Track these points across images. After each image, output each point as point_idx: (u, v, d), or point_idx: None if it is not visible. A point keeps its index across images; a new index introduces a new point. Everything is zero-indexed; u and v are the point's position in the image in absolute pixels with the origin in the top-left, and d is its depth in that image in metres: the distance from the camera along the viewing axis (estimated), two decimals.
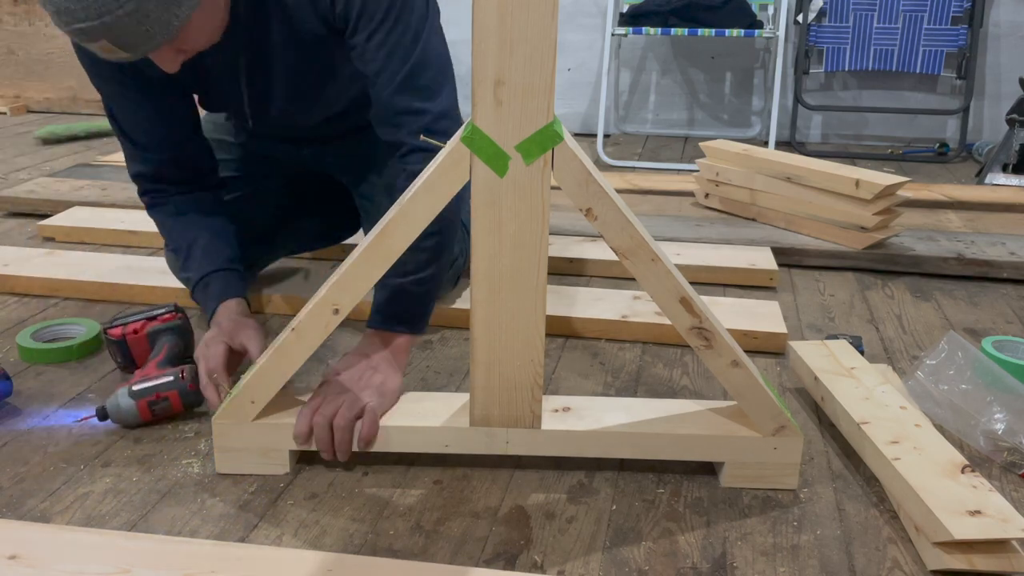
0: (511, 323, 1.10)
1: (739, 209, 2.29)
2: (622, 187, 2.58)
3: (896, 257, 2.02)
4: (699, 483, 1.19)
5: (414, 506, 1.13)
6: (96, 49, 1.11)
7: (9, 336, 1.60)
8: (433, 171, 1.05)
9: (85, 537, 1.03)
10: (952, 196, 2.51)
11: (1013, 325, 1.75)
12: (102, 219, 2.18)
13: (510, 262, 1.07)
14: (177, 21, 1.11)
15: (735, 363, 1.12)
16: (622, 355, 1.58)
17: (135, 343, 1.42)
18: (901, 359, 1.58)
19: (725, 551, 1.06)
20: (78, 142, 3.30)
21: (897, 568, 1.03)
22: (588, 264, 1.96)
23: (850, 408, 1.26)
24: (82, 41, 1.09)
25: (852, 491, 1.18)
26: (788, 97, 3.38)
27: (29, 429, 1.29)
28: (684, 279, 1.10)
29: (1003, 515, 1.02)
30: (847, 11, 3.25)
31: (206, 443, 1.26)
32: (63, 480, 1.17)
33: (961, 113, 3.28)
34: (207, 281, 1.43)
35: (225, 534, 1.07)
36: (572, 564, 1.03)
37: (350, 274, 1.10)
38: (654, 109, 3.65)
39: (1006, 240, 2.12)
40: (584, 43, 3.56)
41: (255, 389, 1.14)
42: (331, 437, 1.15)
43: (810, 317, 1.77)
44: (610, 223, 1.06)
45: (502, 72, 0.98)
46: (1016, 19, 3.25)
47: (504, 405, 1.15)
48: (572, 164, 1.03)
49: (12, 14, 3.83)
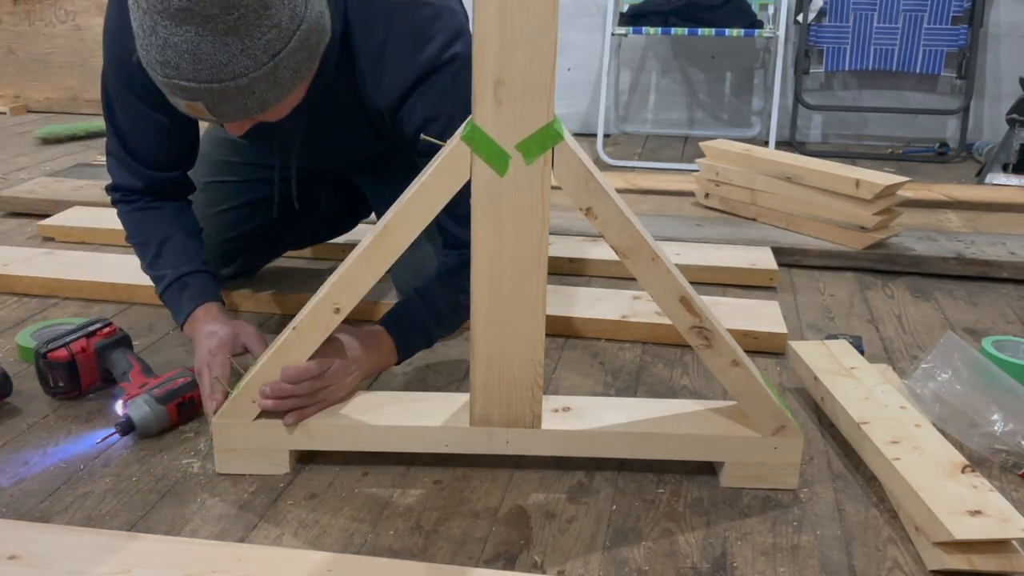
0: (511, 323, 1.10)
1: (739, 209, 2.29)
2: (622, 187, 2.58)
3: (896, 257, 2.02)
4: (699, 483, 1.19)
5: (414, 506, 1.13)
6: (183, 106, 1.07)
7: (9, 336, 1.60)
8: (433, 171, 1.05)
9: (85, 537, 1.03)
10: (952, 196, 2.50)
11: (1013, 325, 1.75)
12: (102, 219, 2.18)
13: (510, 262, 1.07)
14: (274, 101, 1.08)
15: (735, 363, 1.12)
16: (622, 355, 1.58)
17: (84, 362, 1.35)
18: (901, 359, 1.58)
19: (725, 551, 1.06)
20: (78, 142, 3.30)
21: (897, 568, 1.03)
22: (588, 264, 1.96)
23: (850, 408, 1.26)
24: (174, 95, 1.06)
25: (852, 491, 1.18)
26: (788, 97, 3.38)
27: (29, 427, 1.29)
28: (684, 279, 1.10)
29: (1003, 515, 1.02)
30: (847, 11, 3.25)
31: (206, 443, 1.26)
32: (63, 480, 1.17)
33: (961, 113, 3.28)
34: (184, 281, 1.37)
35: (225, 534, 1.07)
36: (572, 564, 1.03)
37: (351, 273, 1.10)
38: (654, 109, 3.65)
39: (1006, 240, 2.12)
40: (584, 43, 3.56)
41: (255, 389, 1.14)
42: (290, 404, 1.15)
43: (810, 317, 1.77)
44: (610, 223, 1.06)
45: (502, 72, 0.98)
46: (1016, 19, 3.25)
47: (504, 405, 1.15)
48: (572, 163, 1.03)
49: (12, 14, 3.83)
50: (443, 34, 1.24)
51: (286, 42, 1.04)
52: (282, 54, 1.04)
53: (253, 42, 1.01)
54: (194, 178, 1.69)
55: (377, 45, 1.24)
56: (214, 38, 0.99)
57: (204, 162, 1.68)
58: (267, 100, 1.07)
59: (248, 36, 1.00)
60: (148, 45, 1.01)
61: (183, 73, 1.01)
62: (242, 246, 1.68)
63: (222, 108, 1.06)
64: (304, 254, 1.95)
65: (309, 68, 1.10)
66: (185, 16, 0.98)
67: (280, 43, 1.03)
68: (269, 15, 1.00)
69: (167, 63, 1.01)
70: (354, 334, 1.22)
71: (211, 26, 0.98)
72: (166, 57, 1.01)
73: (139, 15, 1.01)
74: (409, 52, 1.23)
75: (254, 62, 1.02)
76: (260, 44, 1.01)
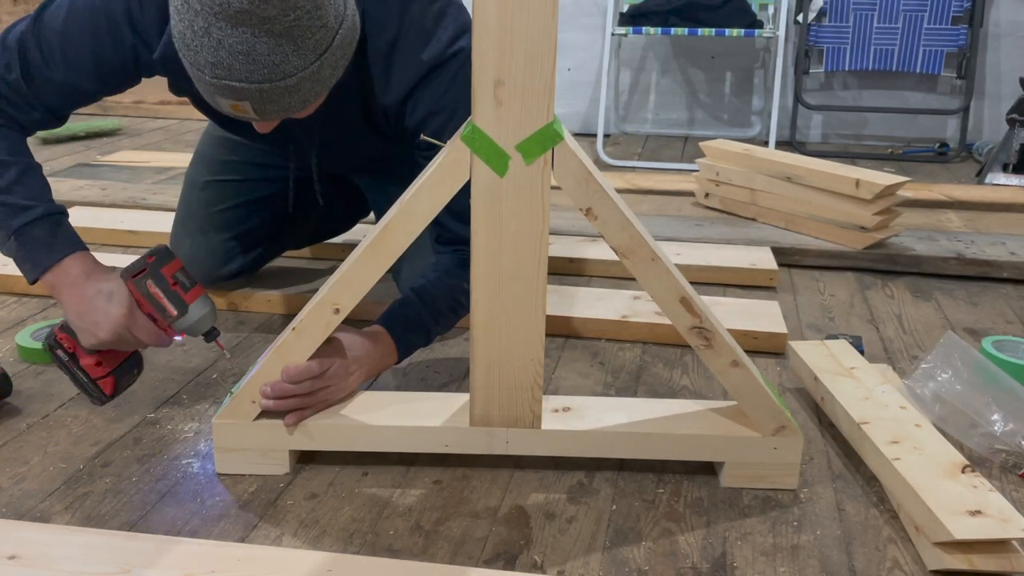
0: (511, 323, 1.10)
1: (739, 209, 2.29)
2: (622, 187, 2.58)
3: (896, 257, 2.02)
4: (699, 483, 1.19)
5: (414, 506, 1.13)
6: (227, 106, 1.06)
7: (9, 336, 1.60)
8: (433, 171, 1.05)
9: (85, 537, 1.03)
10: (952, 196, 2.51)
11: (1013, 325, 1.75)
12: (102, 219, 2.18)
13: (510, 262, 1.07)
14: (314, 98, 1.09)
15: (735, 363, 1.12)
16: (622, 355, 1.58)
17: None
18: (901, 359, 1.58)
19: (725, 551, 1.06)
20: (78, 142, 3.30)
21: (897, 568, 1.03)
22: (588, 264, 1.96)
23: (850, 408, 1.26)
24: (221, 95, 1.05)
25: (852, 491, 1.18)
26: (788, 97, 3.38)
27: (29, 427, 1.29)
28: (684, 279, 1.10)
29: (1003, 515, 1.02)
30: (847, 11, 3.25)
31: (206, 443, 1.26)
32: (63, 480, 1.17)
33: (961, 113, 3.28)
34: (59, 220, 1.25)
35: (225, 534, 1.07)
36: (572, 564, 1.03)
37: (351, 274, 1.10)
38: (654, 109, 3.64)
39: (1006, 240, 2.12)
40: (584, 43, 3.56)
41: (255, 389, 1.14)
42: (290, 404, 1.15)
43: (810, 317, 1.77)
44: (610, 223, 1.06)
45: (502, 72, 0.98)
46: (1016, 19, 3.25)
47: (504, 405, 1.15)
48: (572, 164, 1.03)
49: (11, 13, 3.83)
50: (449, 30, 1.25)
51: (331, 41, 1.05)
52: (327, 53, 1.05)
53: (304, 42, 1.02)
54: (194, 178, 1.69)
55: (388, 43, 1.24)
56: (269, 39, 0.99)
57: (203, 162, 1.68)
58: (308, 98, 1.08)
59: (301, 37, 1.01)
60: (199, 47, 1.01)
61: (235, 74, 1.01)
62: (242, 245, 1.68)
63: (267, 107, 1.06)
64: (304, 254, 1.95)
65: (344, 66, 1.11)
66: (243, 18, 0.98)
67: (327, 42, 1.04)
68: (320, 15, 1.02)
69: (219, 64, 1.01)
70: (354, 334, 1.22)
71: (268, 27, 0.99)
72: (219, 58, 1.00)
73: (189, 16, 1.00)
74: (417, 50, 1.24)
75: (304, 61, 1.03)
76: (311, 44, 1.02)
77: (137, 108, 3.82)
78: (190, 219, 1.67)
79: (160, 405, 1.36)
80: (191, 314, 1.19)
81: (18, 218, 1.22)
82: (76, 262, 1.22)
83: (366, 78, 1.27)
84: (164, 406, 1.36)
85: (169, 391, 1.40)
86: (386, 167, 1.56)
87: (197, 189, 1.67)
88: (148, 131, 3.55)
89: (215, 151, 1.67)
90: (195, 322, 1.20)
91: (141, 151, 3.07)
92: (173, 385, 1.42)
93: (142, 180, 2.60)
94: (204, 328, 1.21)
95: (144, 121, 3.74)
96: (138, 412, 1.34)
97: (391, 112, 1.29)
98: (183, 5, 1.00)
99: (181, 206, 1.70)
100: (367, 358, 1.22)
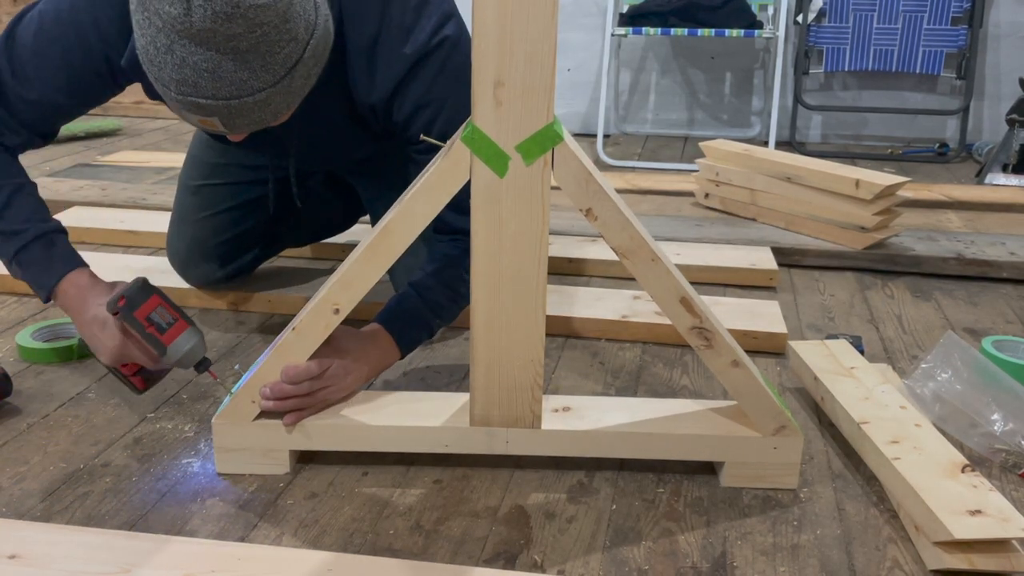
0: (511, 323, 1.10)
1: (739, 209, 2.29)
2: (622, 187, 2.58)
3: (896, 257, 2.02)
4: (699, 483, 1.19)
5: (414, 506, 1.13)
6: (195, 120, 1.04)
7: (9, 336, 1.60)
8: (433, 171, 1.05)
9: (85, 537, 1.03)
10: (952, 196, 2.51)
11: (1013, 325, 1.75)
12: (102, 219, 2.18)
13: (510, 262, 1.07)
14: (285, 109, 1.07)
15: (735, 363, 1.12)
16: (622, 355, 1.58)
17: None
18: (901, 359, 1.58)
19: (725, 551, 1.06)
20: (78, 142, 3.30)
21: (897, 568, 1.03)
22: (588, 264, 1.96)
23: (850, 408, 1.26)
24: (188, 111, 1.03)
25: (852, 491, 1.18)
26: (788, 97, 3.38)
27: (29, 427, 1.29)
28: (684, 279, 1.10)
29: (1003, 515, 1.02)
30: (847, 11, 3.25)
31: (206, 443, 1.26)
32: (63, 480, 1.17)
33: (961, 113, 3.28)
34: (51, 239, 1.25)
35: (225, 534, 1.07)
36: (572, 564, 1.03)
37: (351, 274, 1.10)
38: (654, 109, 3.65)
39: (1006, 240, 2.12)
40: (584, 43, 3.56)
41: (255, 389, 1.14)
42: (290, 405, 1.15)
43: (810, 317, 1.77)
44: (610, 223, 1.06)
45: (502, 72, 0.98)
46: (1016, 19, 3.25)
47: (504, 405, 1.15)
48: (572, 164, 1.03)
49: (11, 13, 3.83)
50: (432, 19, 1.23)
51: (301, 53, 1.02)
52: (298, 66, 1.03)
53: (273, 57, 0.99)
54: (186, 181, 1.68)
55: (370, 39, 1.22)
56: (235, 56, 0.97)
57: (194, 165, 1.68)
58: (279, 110, 1.06)
59: (269, 52, 0.99)
60: (162, 63, 0.98)
61: (201, 91, 0.99)
62: (237, 247, 1.68)
63: (236, 121, 1.04)
64: (304, 254, 1.95)
65: (316, 74, 1.09)
66: (207, 36, 0.95)
67: (296, 55, 1.02)
68: (288, 29, 0.99)
69: (184, 82, 0.99)
70: (353, 335, 1.22)
71: (233, 44, 0.96)
72: (183, 76, 0.98)
73: (151, 32, 0.97)
74: (399, 45, 1.22)
75: (273, 76, 1.01)
76: (279, 59, 1.00)
77: (137, 108, 3.82)
78: (184, 223, 1.67)
79: (160, 405, 1.36)
80: (170, 355, 1.15)
81: (12, 243, 1.24)
82: (71, 284, 1.23)
83: (349, 76, 1.25)
84: (164, 406, 1.36)
85: (169, 391, 1.40)
86: (379, 166, 1.55)
87: (189, 193, 1.67)
88: (148, 131, 3.55)
89: (205, 153, 1.66)
90: (177, 360, 1.16)
91: (141, 151, 3.07)
92: (173, 385, 1.42)
93: (142, 180, 2.59)
94: (190, 364, 1.17)
95: (144, 121, 3.74)
96: (138, 412, 1.34)
97: (379, 109, 1.27)
98: (145, 20, 0.97)
99: (176, 208, 1.70)
100: (366, 358, 1.22)
